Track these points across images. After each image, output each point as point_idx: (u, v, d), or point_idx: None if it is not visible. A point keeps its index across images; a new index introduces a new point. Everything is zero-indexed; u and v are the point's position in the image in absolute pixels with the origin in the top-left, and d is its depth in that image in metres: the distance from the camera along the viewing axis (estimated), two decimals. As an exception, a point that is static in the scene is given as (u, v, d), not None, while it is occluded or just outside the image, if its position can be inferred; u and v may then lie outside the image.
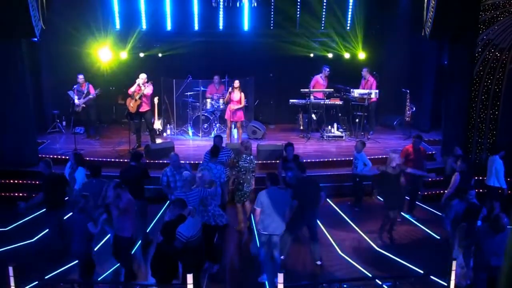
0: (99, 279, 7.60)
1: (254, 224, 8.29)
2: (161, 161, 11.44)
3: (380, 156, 11.98)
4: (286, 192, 7.63)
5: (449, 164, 9.65)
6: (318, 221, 9.40)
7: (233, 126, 13.02)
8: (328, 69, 13.87)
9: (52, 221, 8.42)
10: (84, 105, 13.04)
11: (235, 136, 13.02)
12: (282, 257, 8.05)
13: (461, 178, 8.61)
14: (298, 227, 8.10)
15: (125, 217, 7.16)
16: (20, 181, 10.92)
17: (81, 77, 13.04)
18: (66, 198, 8.55)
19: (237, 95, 12.49)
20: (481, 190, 9.65)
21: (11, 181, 10.93)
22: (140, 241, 8.60)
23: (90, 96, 13.07)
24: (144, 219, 8.74)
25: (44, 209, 8.63)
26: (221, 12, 14.80)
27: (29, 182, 10.81)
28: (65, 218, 8.48)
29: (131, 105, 12.22)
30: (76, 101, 12.94)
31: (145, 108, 12.34)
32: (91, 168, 8.50)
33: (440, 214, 9.78)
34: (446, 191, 8.79)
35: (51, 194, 8.27)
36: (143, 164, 9.05)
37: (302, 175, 8.21)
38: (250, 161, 9.15)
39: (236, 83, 12.50)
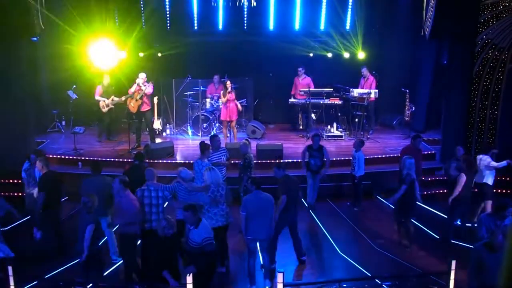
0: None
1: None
2: (160, 161, 11.46)
3: (379, 156, 12.00)
4: (269, 196, 7.41)
5: (453, 167, 9.52)
6: (318, 221, 9.41)
7: (229, 126, 12.99)
8: (300, 69, 13.95)
9: (48, 221, 8.38)
10: (112, 106, 13.04)
11: (234, 136, 13.00)
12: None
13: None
14: (282, 225, 7.98)
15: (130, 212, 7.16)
16: (18, 181, 10.87)
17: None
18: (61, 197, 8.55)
19: (233, 94, 12.54)
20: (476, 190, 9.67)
21: (9, 181, 10.92)
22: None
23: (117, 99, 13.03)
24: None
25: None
26: (220, 12, 14.77)
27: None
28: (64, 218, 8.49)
29: (132, 105, 12.21)
30: (107, 101, 12.91)
31: (146, 107, 12.33)
32: (91, 165, 8.44)
33: (440, 214, 9.79)
34: (454, 192, 8.72)
35: (47, 193, 8.19)
36: (144, 164, 8.97)
37: (284, 173, 8.12)
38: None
39: (229, 83, 12.52)
